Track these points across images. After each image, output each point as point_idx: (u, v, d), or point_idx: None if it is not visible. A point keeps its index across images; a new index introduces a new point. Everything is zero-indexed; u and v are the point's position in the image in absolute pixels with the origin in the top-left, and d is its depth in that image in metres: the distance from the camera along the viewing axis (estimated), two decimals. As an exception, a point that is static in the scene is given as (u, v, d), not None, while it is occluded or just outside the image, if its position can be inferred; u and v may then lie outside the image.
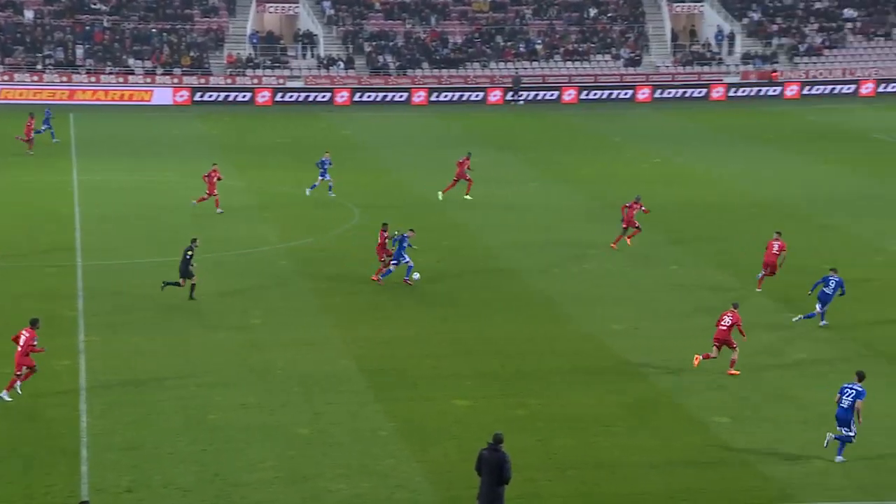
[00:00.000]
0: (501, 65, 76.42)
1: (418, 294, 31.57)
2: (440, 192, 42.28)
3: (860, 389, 20.96)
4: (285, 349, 26.84)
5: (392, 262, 31.72)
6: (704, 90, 74.60)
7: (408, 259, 31.61)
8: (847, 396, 21.00)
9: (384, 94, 72.44)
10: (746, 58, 76.83)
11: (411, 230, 32.16)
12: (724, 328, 25.45)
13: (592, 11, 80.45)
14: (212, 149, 53.41)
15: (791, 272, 33.17)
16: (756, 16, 79.96)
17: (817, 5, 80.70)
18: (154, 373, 25.07)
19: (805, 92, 74.47)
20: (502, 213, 41.37)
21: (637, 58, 76.93)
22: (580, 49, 77.53)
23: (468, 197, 42.19)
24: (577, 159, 52.74)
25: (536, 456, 20.95)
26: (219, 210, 39.57)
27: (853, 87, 74.50)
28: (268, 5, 76.67)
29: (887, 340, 27.02)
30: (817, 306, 28.50)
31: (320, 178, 42.53)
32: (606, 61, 77.10)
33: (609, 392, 24.32)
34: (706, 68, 76.55)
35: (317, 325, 28.76)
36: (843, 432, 20.87)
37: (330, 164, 42.64)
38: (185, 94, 69.48)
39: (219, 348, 26.89)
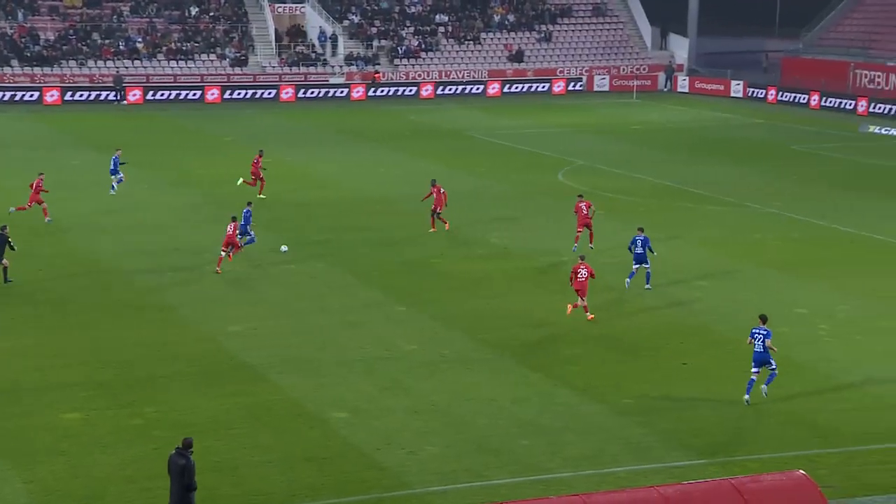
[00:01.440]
0: (101, 63, 73.41)
1: (22, 303, 29.54)
2: (259, 195, 42.14)
3: (767, 331, 23.40)
4: None
5: (248, 239, 34.20)
6: (311, 90, 75.52)
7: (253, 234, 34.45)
8: (759, 341, 23.36)
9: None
10: (349, 59, 78.55)
11: (249, 202, 35.38)
12: (583, 279, 28.33)
13: (194, 10, 79.09)
14: None
15: (399, 269, 34.18)
16: (356, 18, 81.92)
17: (412, 10, 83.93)
18: None
19: (406, 92, 77.26)
20: (112, 217, 39.67)
21: (243, 58, 76.52)
22: (184, 48, 75.99)
23: (262, 196, 42.15)
24: (189, 160, 51.64)
25: (154, 465, 20.12)
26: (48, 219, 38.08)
27: (447, 87, 78.21)
28: None
29: (487, 329, 28.37)
30: (633, 266, 31.26)
31: (117, 176, 42.69)
32: (212, 61, 76.11)
33: (228, 394, 23.86)
34: (312, 69, 77.51)
35: None
36: (770, 370, 23.37)
37: (120, 162, 42.79)
38: None
39: None
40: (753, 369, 23.53)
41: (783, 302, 30.52)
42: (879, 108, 68.40)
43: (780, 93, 75.41)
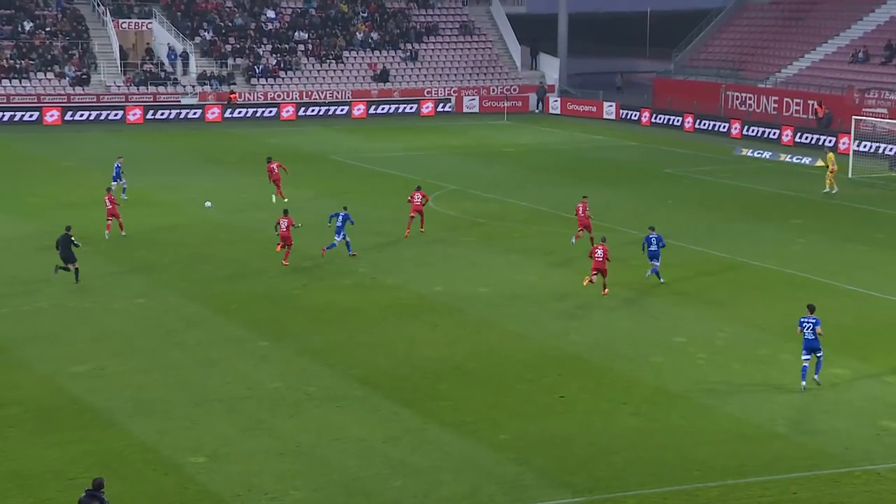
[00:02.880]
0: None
1: None
2: (273, 196, 46.93)
3: (816, 319, 26.31)
4: None
5: (336, 237, 37.93)
6: (162, 111, 74.46)
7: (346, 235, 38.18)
8: (808, 330, 26.23)
9: None
10: (202, 78, 77.72)
11: (345, 206, 39.20)
12: (600, 259, 33.63)
13: (28, 25, 77.22)
14: None
15: (260, 301, 33.85)
16: (208, 35, 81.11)
17: (269, 26, 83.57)
18: None
19: (265, 114, 76.79)
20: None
21: (85, 77, 74.99)
22: (18, 66, 74.08)
23: (277, 198, 46.76)
24: (23, 187, 50.28)
25: (-10, 522, 19.46)
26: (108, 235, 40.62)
27: (308, 109, 78.01)
28: None
29: (355, 364, 28.28)
30: (654, 262, 35.33)
31: (121, 182, 47.10)
32: (50, 80, 74.39)
33: (72, 441, 23.21)
34: (162, 88, 76.43)
35: None
36: (818, 356, 26.32)
37: (121, 168, 47.46)
38: None
39: None
40: (804, 356, 26.34)
41: (661, 330, 31.21)
42: (752, 131, 70.78)
43: (654, 115, 77.42)
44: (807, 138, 67.69)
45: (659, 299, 34.26)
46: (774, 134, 69.63)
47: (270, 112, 76.98)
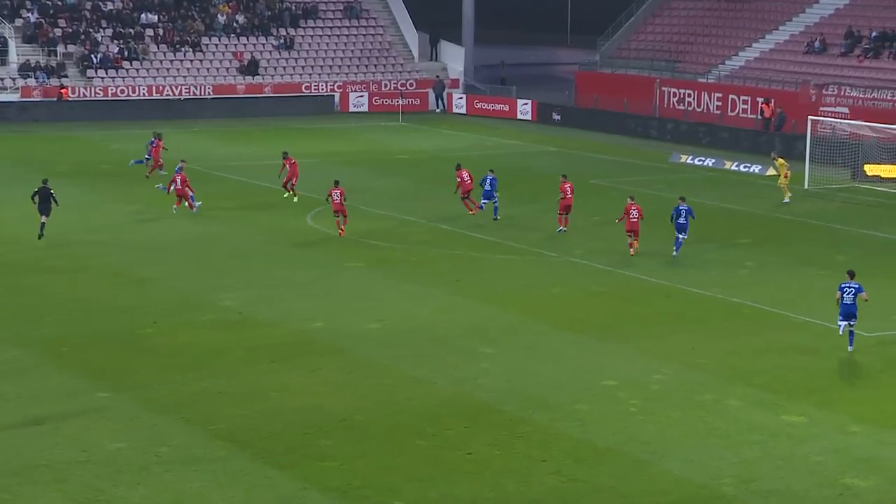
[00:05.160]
0: None
1: None
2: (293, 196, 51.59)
3: (858, 285, 31.45)
4: None
5: (484, 200, 47.64)
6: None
7: (496, 198, 47.76)
8: (848, 294, 31.19)
9: None
10: (26, 69, 76.70)
11: (491, 170, 48.64)
12: (634, 220, 41.70)
13: None
14: None
15: (99, 343, 33.46)
16: (32, 16, 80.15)
17: (109, 6, 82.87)
18: None
19: (104, 114, 75.97)
20: None
21: None
22: None
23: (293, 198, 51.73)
24: None
25: None
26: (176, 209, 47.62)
27: (159, 107, 77.39)
28: None
29: (218, 418, 28.13)
30: (680, 236, 42.17)
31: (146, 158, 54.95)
32: None
33: None
34: (-26, 82, 75.30)
35: None
36: (851, 324, 31.50)
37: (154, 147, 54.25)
38: None
39: None
40: (840, 321, 31.68)
41: (587, 372, 31.48)
42: (691, 134, 71.90)
43: (576, 115, 78.29)
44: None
45: (583, 335, 34.59)
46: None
47: (111, 111, 76.13)
